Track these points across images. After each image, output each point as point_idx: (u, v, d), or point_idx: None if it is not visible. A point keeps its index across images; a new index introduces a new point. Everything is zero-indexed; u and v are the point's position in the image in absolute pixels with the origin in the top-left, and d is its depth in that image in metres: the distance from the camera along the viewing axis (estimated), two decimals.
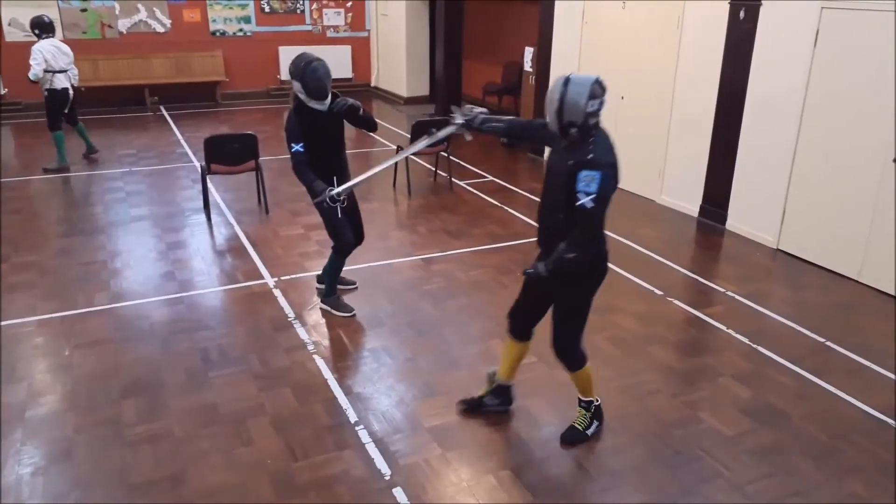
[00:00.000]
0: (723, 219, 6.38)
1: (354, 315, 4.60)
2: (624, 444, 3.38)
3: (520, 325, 3.40)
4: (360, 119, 4.27)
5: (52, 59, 7.65)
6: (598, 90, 2.85)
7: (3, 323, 4.44)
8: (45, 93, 7.81)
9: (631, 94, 7.24)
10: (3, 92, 10.98)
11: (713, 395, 3.81)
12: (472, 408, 3.57)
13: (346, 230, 4.47)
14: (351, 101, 4.20)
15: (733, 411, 3.65)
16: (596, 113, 2.86)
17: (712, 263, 5.81)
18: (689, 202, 6.74)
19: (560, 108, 2.83)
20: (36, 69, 7.54)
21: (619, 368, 4.05)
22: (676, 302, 4.91)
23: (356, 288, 5.01)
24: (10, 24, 10.80)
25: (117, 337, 4.31)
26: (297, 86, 4.06)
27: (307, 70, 3.99)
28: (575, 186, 2.79)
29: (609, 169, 2.83)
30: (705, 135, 6.42)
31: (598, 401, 3.43)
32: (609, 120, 7.87)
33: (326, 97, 4.11)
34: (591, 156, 2.81)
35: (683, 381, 3.95)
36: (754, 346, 4.32)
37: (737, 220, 6.25)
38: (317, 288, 4.97)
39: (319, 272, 4.98)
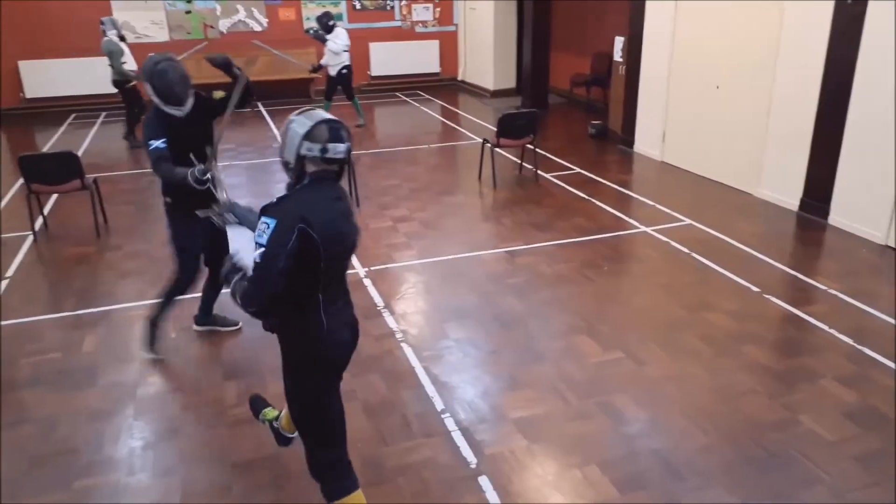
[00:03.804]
0: (825, 213, 6.05)
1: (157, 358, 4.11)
2: (714, 445, 3.29)
3: None
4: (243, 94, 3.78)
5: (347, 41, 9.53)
6: (321, 133, 2.29)
7: (117, 307, 4.78)
8: (345, 70, 9.68)
9: (727, 83, 6.98)
10: (115, 90, 11.69)
11: (813, 397, 3.64)
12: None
13: (193, 262, 4.01)
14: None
15: (835, 415, 3.48)
16: (316, 161, 2.31)
17: (813, 260, 5.53)
18: (789, 196, 6.42)
19: (283, 140, 2.39)
20: (340, 46, 9.46)
21: (711, 367, 3.93)
22: (773, 299, 4.71)
23: (240, 329, 4.42)
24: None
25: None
26: (148, 88, 3.67)
27: (155, 71, 3.60)
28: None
29: (288, 220, 2.18)
30: (807, 124, 6.10)
31: None
32: (704, 110, 7.66)
33: (182, 103, 3.68)
34: (275, 200, 2.28)
35: (781, 382, 3.80)
36: (859, 346, 4.09)
37: (841, 215, 5.92)
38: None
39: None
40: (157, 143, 3.66)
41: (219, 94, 3.91)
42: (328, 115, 2.37)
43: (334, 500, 2.53)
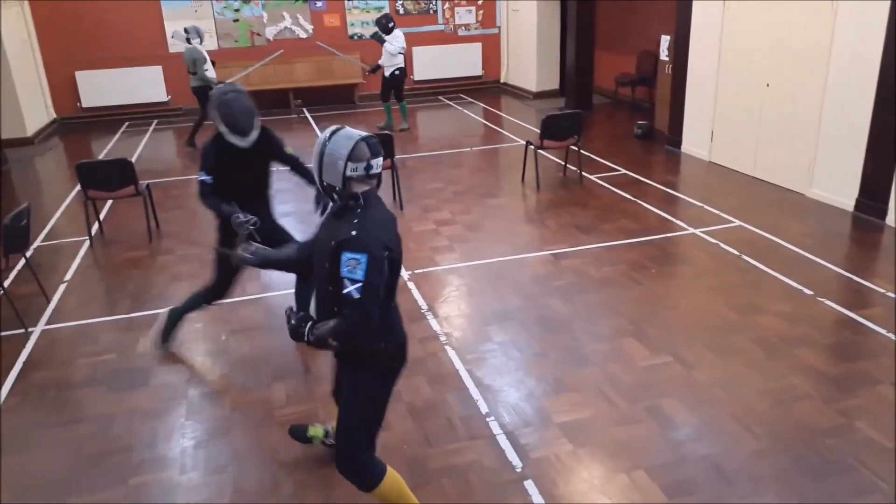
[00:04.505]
0: (882, 213, 5.85)
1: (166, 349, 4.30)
2: (767, 450, 3.21)
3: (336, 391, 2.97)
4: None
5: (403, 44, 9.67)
6: (363, 152, 2.33)
7: (169, 309, 4.91)
8: (398, 71, 9.80)
9: (777, 81, 6.80)
10: (167, 99, 12.06)
11: (871, 402, 3.52)
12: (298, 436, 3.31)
13: (229, 277, 4.10)
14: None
15: (894, 421, 3.36)
16: (362, 179, 2.36)
17: (870, 261, 5.34)
18: (843, 195, 6.22)
19: (320, 164, 2.38)
20: (396, 48, 9.57)
21: (764, 371, 3.84)
22: (827, 302, 4.58)
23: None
24: (172, 37, 11.82)
25: (267, 324, 4.64)
26: (215, 116, 3.74)
27: (222, 101, 3.68)
28: (339, 270, 2.27)
29: (377, 250, 2.29)
30: (863, 122, 5.90)
31: None
32: (754, 109, 7.48)
33: (246, 133, 3.72)
34: (354, 232, 2.30)
35: (836, 387, 3.68)
36: None
37: None
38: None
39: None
40: (205, 178, 3.79)
41: (289, 149, 4.07)
42: (360, 132, 2.40)
43: (374, 488, 2.59)
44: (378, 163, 2.39)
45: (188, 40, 9.12)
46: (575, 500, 2.97)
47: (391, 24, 9.70)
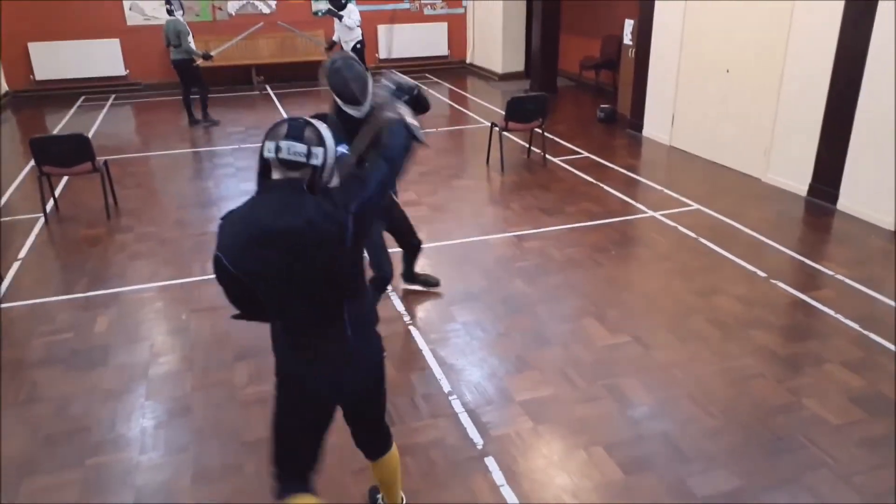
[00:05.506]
0: (834, 198, 6.03)
1: None
2: (721, 428, 3.31)
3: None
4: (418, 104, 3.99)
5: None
6: (279, 130, 1.94)
7: (128, 288, 4.83)
8: (358, 45, 9.83)
9: (737, 67, 6.92)
10: (125, 73, 11.75)
11: (819, 381, 3.66)
12: None
13: (389, 260, 4.06)
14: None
15: (841, 399, 3.50)
16: (276, 163, 1.96)
17: (821, 245, 5.52)
18: (798, 181, 6.40)
19: None
20: (354, 22, 9.67)
21: (719, 351, 3.95)
22: (781, 284, 4.72)
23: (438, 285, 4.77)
24: (130, 9, 11.50)
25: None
26: (329, 88, 3.61)
27: (332, 71, 3.52)
28: None
29: (217, 251, 2.03)
30: (817, 109, 6.05)
31: None
32: (714, 95, 7.60)
33: (359, 102, 3.55)
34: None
35: (787, 366, 3.81)
36: (865, 332, 4.10)
37: (850, 200, 5.89)
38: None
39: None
40: (341, 150, 3.63)
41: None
42: (304, 117, 2.06)
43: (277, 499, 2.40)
44: (288, 146, 1.91)
45: (170, 12, 8.91)
46: (534, 475, 3.04)
47: (344, 0, 9.77)
